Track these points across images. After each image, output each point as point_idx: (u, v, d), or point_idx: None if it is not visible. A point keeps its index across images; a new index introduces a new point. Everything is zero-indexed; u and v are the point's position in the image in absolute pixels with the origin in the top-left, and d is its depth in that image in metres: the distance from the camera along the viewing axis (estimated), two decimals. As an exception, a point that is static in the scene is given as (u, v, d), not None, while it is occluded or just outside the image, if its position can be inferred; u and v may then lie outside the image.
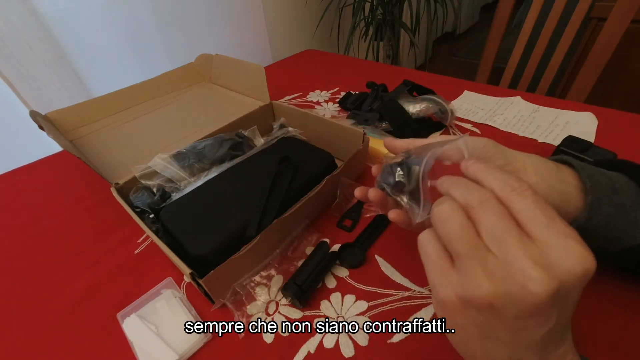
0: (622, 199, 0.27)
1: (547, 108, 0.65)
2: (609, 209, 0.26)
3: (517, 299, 0.17)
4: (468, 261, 0.19)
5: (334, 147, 0.52)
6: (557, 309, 0.18)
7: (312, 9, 1.44)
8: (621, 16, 0.81)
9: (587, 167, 0.28)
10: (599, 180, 0.27)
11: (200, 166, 0.49)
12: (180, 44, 1.00)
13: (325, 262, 0.38)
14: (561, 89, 1.25)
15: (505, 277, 0.18)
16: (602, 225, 0.27)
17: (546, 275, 0.17)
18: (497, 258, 0.18)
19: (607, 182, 0.27)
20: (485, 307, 0.18)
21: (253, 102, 0.65)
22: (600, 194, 0.26)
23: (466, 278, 0.19)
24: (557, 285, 0.17)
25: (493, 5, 2.69)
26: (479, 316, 0.19)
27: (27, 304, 0.40)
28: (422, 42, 2.37)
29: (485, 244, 0.19)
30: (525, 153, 0.29)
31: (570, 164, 0.29)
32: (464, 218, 0.20)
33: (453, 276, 0.20)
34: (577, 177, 0.28)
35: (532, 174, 0.27)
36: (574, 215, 0.27)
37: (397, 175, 0.27)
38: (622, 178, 0.28)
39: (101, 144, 0.59)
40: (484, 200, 0.20)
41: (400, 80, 0.68)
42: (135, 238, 0.47)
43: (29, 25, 0.72)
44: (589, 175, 0.27)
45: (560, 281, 0.17)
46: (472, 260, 0.19)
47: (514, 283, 0.17)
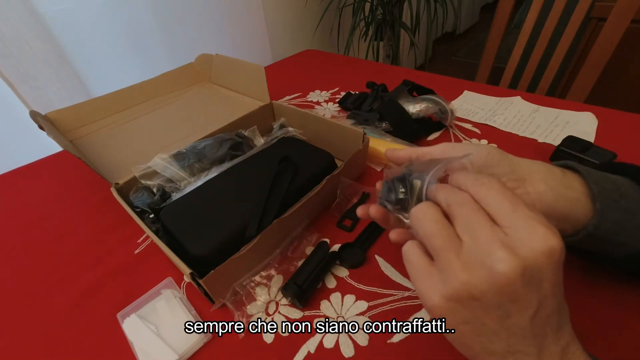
0: (628, 203, 0.27)
1: (547, 108, 0.65)
2: (616, 214, 0.26)
3: (491, 283, 0.18)
4: (444, 254, 0.20)
5: (334, 147, 0.52)
6: (534, 290, 0.19)
7: (312, 9, 1.44)
8: (621, 16, 0.81)
9: (593, 172, 0.28)
10: (605, 185, 0.27)
11: (200, 166, 0.49)
12: (180, 44, 1.00)
13: (325, 262, 0.38)
14: (561, 89, 1.25)
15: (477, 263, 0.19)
16: (610, 231, 0.26)
17: (511, 254, 0.18)
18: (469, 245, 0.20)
19: (613, 187, 0.27)
20: (468, 299, 0.19)
21: (253, 102, 0.65)
22: (608, 200, 0.26)
23: (444, 273, 0.20)
24: (522, 262, 0.18)
25: (493, 5, 2.69)
26: (466, 312, 0.20)
27: (27, 304, 0.40)
28: (422, 42, 2.37)
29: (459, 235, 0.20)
30: (530, 160, 0.29)
31: (575, 169, 0.29)
32: (439, 214, 0.22)
33: (434, 275, 0.21)
34: (583, 182, 0.28)
35: (539, 181, 0.27)
36: (582, 222, 0.27)
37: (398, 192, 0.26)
38: (626, 181, 0.28)
39: (101, 144, 0.59)
40: (461, 199, 0.21)
41: (400, 80, 0.68)
42: (135, 238, 0.47)
43: (29, 25, 0.72)
44: (595, 180, 0.27)
45: (525, 259, 0.18)
46: (448, 253, 0.20)
47: (485, 267, 0.19)
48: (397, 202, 0.26)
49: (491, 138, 0.59)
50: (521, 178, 0.27)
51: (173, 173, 0.48)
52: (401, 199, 0.26)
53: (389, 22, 1.50)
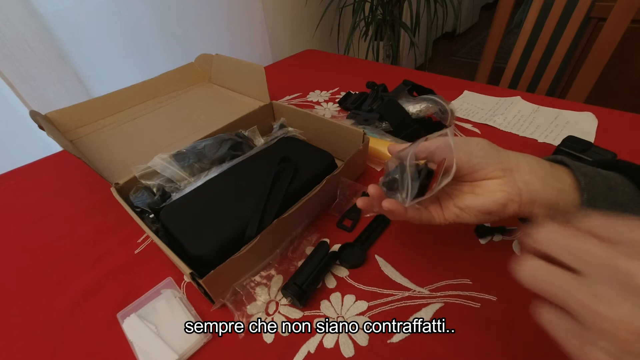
0: (617, 196, 0.27)
1: (547, 108, 0.65)
2: (605, 205, 0.26)
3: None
4: (586, 311, 0.16)
5: (334, 147, 0.52)
6: None
7: (312, 9, 1.44)
8: (621, 16, 0.81)
9: (582, 166, 0.29)
10: (594, 177, 0.27)
11: (200, 166, 0.49)
12: (180, 44, 1.00)
13: (325, 262, 0.38)
14: (561, 89, 1.25)
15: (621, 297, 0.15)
16: None
17: None
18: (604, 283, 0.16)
19: (602, 181, 0.27)
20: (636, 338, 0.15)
21: (253, 102, 0.65)
22: (596, 192, 0.27)
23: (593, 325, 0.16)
24: None
25: (493, 5, 2.69)
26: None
27: (27, 304, 0.40)
28: (422, 42, 2.37)
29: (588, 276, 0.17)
30: (520, 153, 0.30)
31: (564, 164, 0.30)
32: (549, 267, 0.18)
33: (588, 337, 0.17)
34: (572, 175, 0.28)
35: (526, 172, 0.28)
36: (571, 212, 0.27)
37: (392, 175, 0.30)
38: (618, 177, 0.28)
39: (101, 144, 0.59)
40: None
41: (400, 80, 0.68)
42: (135, 238, 0.47)
43: (29, 25, 0.72)
44: (583, 173, 0.28)
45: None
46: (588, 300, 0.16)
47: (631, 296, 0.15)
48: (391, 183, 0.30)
49: (491, 138, 0.58)
50: (508, 168, 0.28)
51: (173, 173, 0.48)
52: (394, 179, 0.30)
53: (389, 22, 1.50)
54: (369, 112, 0.64)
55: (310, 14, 1.44)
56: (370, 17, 1.53)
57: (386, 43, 1.59)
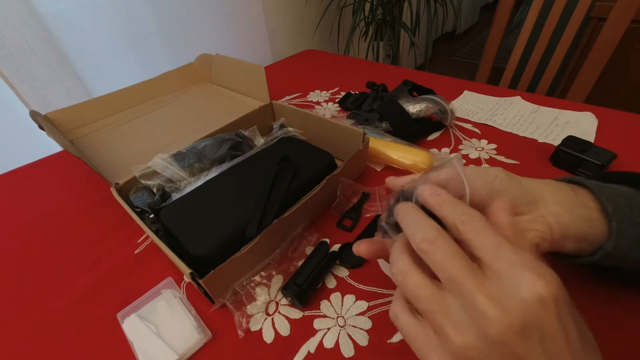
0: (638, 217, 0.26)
1: (547, 108, 0.65)
2: (632, 231, 0.25)
3: (487, 345, 0.17)
4: (434, 317, 0.19)
5: (334, 147, 0.52)
6: (536, 344, 0.17)
7: (312, 9, 1.44)
8: (621, 16, 0.81)
9: (602, 187, 0.27)
10: (616, 199, 0.26)
11: (200, 166, 0.49)
12: (180, 44, 1.00)
13: (325, 262, 0.38)
14: (561, 89, 1.25)
15: (469, 325, 0.18)
16: (628, 249, 0.25)
17: (500, 311, 0.17)
18: (458, 304, 0.18)
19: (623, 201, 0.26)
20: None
21: (253, 102, 0.65)
22: (622, 216, 0.25)
23: (439, 336, 0.19)
24: (512, 319, 0.16)
25: (493, 5, 2.69)
26: None
27: (27, 304, 0.40)
28: (422, 42, 2.37)
29: (444, 290, 0.19)
30: (539, 180, 0.27)
31: (584, 185, 0.28)
32: (418, 276, 0.20)
33: (432, 339, 0.20)
34: (595, 199, 0.26)
35: (552, 203, 0.25)
36: (600, 240, 0.26)
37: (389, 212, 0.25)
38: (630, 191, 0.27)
39: (101, 144, 0.59)
40: (432, 239, 0.20)
41: (400, 80, 0.68)
42: (135, 238, 0.47)
43: (29, 25, 0.72)
44: (607, 197, 0.26)
45: (516, 313, 0.16)
46: (438, 316, 0.19)
47: (477, 329, 0.17)
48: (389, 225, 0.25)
49: (491, 138, 0.59)
50: (533, 201, 0.25)
51: (173, 173, 0.48)
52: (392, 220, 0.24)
53: (389, 22, 1.50)
54: (369, 112, 0.64)
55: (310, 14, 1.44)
56: (370, 17, 1.53)
57: (386, 43, 1.59)
